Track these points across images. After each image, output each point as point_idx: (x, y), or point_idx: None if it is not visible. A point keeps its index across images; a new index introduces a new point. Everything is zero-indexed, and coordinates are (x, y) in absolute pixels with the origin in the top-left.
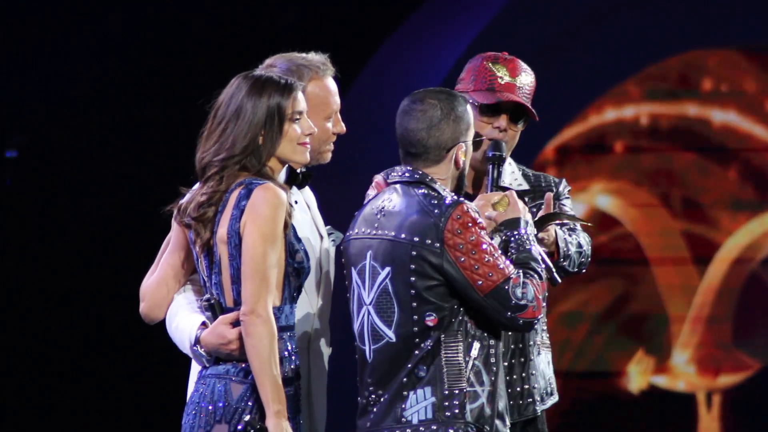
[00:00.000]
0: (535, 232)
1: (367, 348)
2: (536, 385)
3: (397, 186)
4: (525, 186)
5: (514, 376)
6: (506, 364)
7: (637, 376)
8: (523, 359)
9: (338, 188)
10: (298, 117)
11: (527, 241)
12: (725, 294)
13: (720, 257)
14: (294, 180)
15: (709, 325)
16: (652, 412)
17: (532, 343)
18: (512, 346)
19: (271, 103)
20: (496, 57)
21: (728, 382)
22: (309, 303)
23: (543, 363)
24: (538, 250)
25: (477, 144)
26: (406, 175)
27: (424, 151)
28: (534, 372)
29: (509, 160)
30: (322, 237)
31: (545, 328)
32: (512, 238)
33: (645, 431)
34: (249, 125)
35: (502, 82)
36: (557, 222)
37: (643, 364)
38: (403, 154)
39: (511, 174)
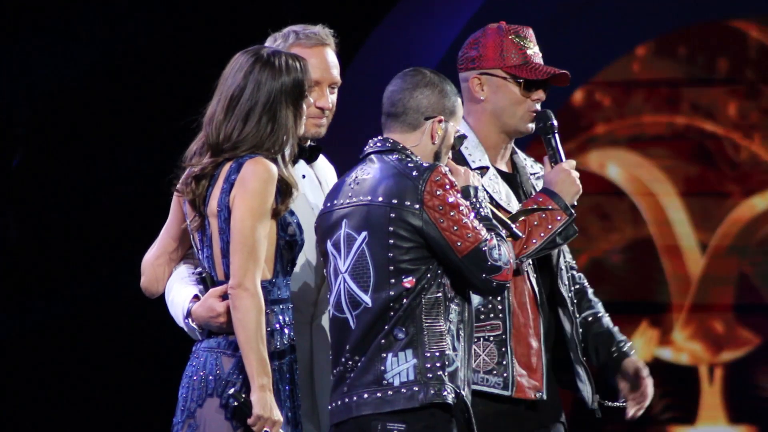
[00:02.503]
0: (485, 197)
1: (348, 316)
2: None
3: (372, 156)
4: (536, 168)
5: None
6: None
7: (641, 348)
8: (583, 345)
9: (339, 163)
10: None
11: (481, 209)
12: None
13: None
14: (302, 154)
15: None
16: (655, 384)
17: None
18: (577, 335)
19: (295, 96)
20: (516, 30)
21: (730, 357)
22: (312, 276)
23: None
24: (491, 214)
25: (458, 140)
26: (378, 144)
27: (403, 112)
28: (608, 332)
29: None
30: None
31: None
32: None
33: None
34: (276, 115)
35: (531, 53)
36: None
37: (647, 336)
38: (383, 118)
39: (519, 153)
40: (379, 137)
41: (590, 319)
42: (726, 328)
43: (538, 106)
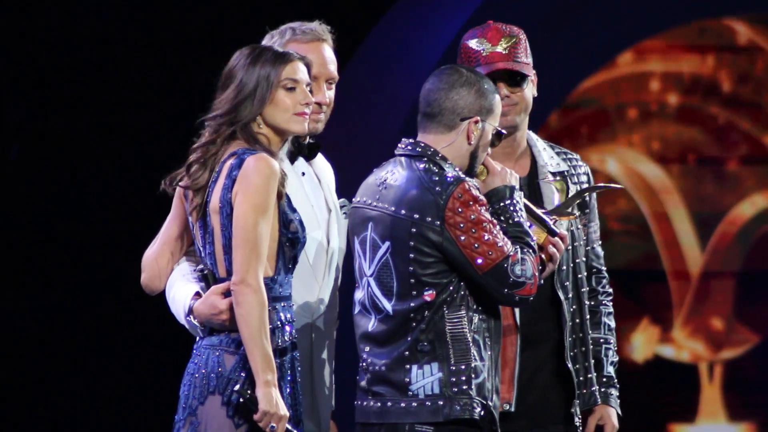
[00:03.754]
0: (523, 194)
1: (372, 317)
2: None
3: (402, 159)
4: (563, 167)
5: (577, 366)
6: (572, 354)
7: (642, 346)
8: (584, 349)
9: (338, 160)
10: (292, 85)
11: (515, 213)
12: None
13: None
14: (300, 151)
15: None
16: (656, 382)
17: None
18: (573, 336)
19: (261, 72)
20: (474, 32)
21: (729, 355)
22: (313, 275)
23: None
24: (525, 219)
25: (496, 137)
26: (409, 147)
27: (439, 112)
28: (593, 361)
29: (536, 138)
30: (330, 209)
31: None
32: (499, 211)
33: (648, 400)
34: (239, 91)
35: (485, 54)
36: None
37: (648, 333)
38: (419, 117)
39: (544, 151)
40: (411, 140)
41: (590, 339)
42: (726, 326)
43: (510, 100)
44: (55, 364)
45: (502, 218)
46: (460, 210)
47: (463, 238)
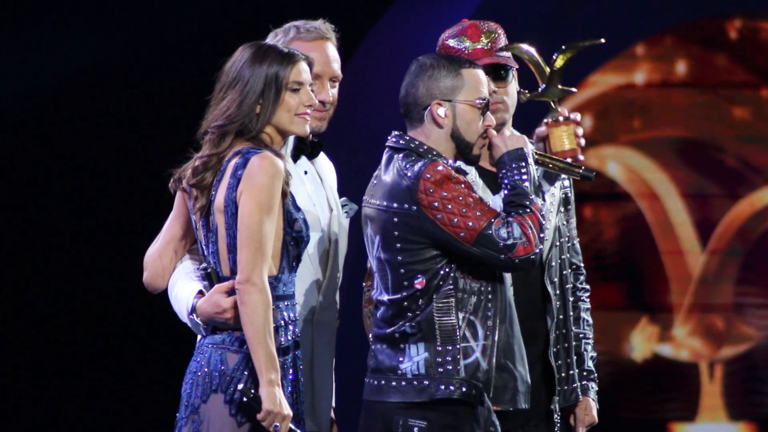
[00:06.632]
0: (533, 150)
1: (381, 309)
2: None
3: (389, 151)
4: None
5: (559, 362)
6: (554, 350)
7: (641, 344)
8: (567, 345)
9: (340, 159)
10: (297, 87)
11: (514, 176)
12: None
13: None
14: (303, 149)
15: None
16: (656, 381)
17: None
18: (557, 332)
19: (269, 72)
20: (452, 31)
21: (730, 353)
22: (315, 274)
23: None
24: (528, 178)
25: (483, 106)
26: (392, 140)
27: (407, 111)
28: (576, 357)
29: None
30: (332, 208)
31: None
32: (501, 179)
33: (648, 399)
34: (247, 93)
35: (468, 52)
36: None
37: (647, 332)
38: None
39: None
40: (397, 132)
41: (572, 335)
42: (726, 324)
43: (497, 97)
44: (56, 362)
45: (503, 185)
46: (431, 190)
47: (440, 216)
